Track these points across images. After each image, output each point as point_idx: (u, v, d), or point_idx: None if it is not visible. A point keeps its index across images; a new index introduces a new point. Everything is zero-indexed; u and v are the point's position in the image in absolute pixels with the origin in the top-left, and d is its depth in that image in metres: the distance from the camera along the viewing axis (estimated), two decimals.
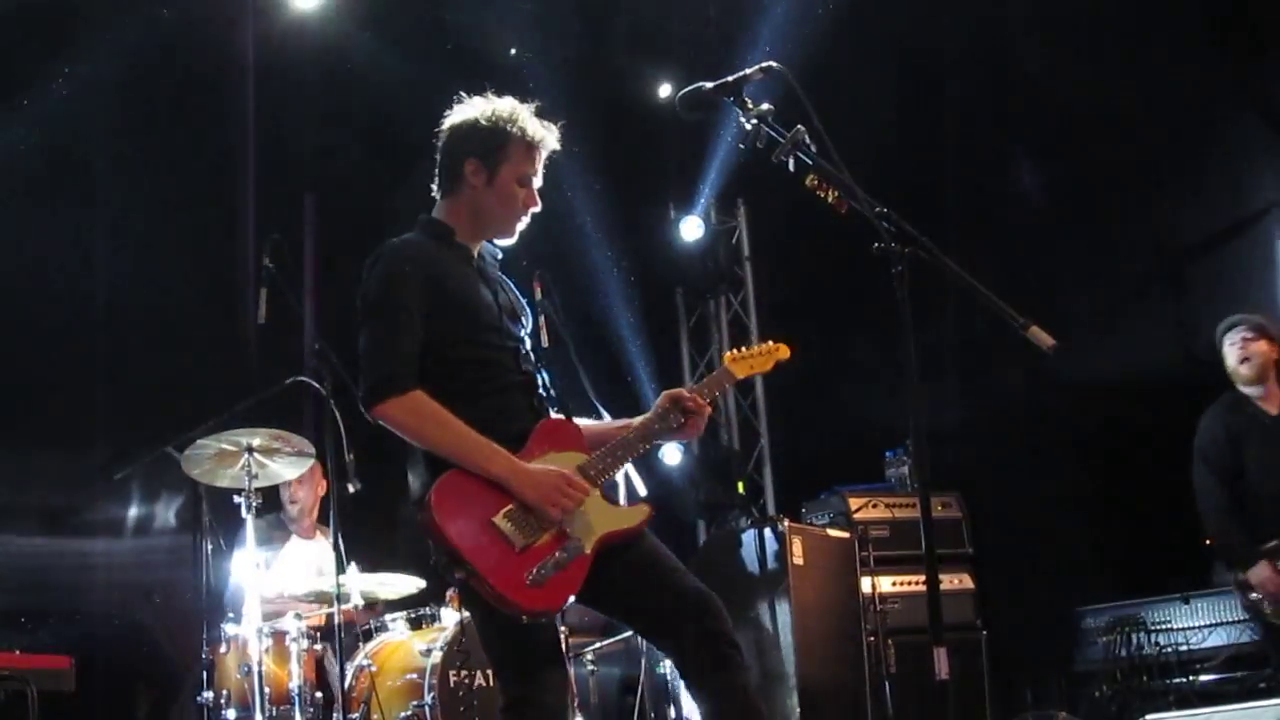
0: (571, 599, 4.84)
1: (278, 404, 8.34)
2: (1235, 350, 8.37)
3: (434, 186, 5.33)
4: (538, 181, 5.26)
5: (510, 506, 4.78)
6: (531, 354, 5.26)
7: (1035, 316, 4.33)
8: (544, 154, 5.27)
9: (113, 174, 9.88)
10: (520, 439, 4.96)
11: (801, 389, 12.04)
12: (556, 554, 4.76)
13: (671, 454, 11.82)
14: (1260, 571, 8.04)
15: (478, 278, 5.22)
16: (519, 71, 11.61)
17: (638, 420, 5.31)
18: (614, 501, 5.23)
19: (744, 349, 5.87)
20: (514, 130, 5.19)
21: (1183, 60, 10.39)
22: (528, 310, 5.41)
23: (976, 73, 11.26)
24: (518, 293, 5.43)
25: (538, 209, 5.28)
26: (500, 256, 5.43)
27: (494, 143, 5.19)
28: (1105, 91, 10.51)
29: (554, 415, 5.16)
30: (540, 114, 5.31)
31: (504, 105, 5.26)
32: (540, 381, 5.22)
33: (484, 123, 5.22)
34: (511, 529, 4.74)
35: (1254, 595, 8.12)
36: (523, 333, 5.26)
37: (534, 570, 4.69)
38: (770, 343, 5.90)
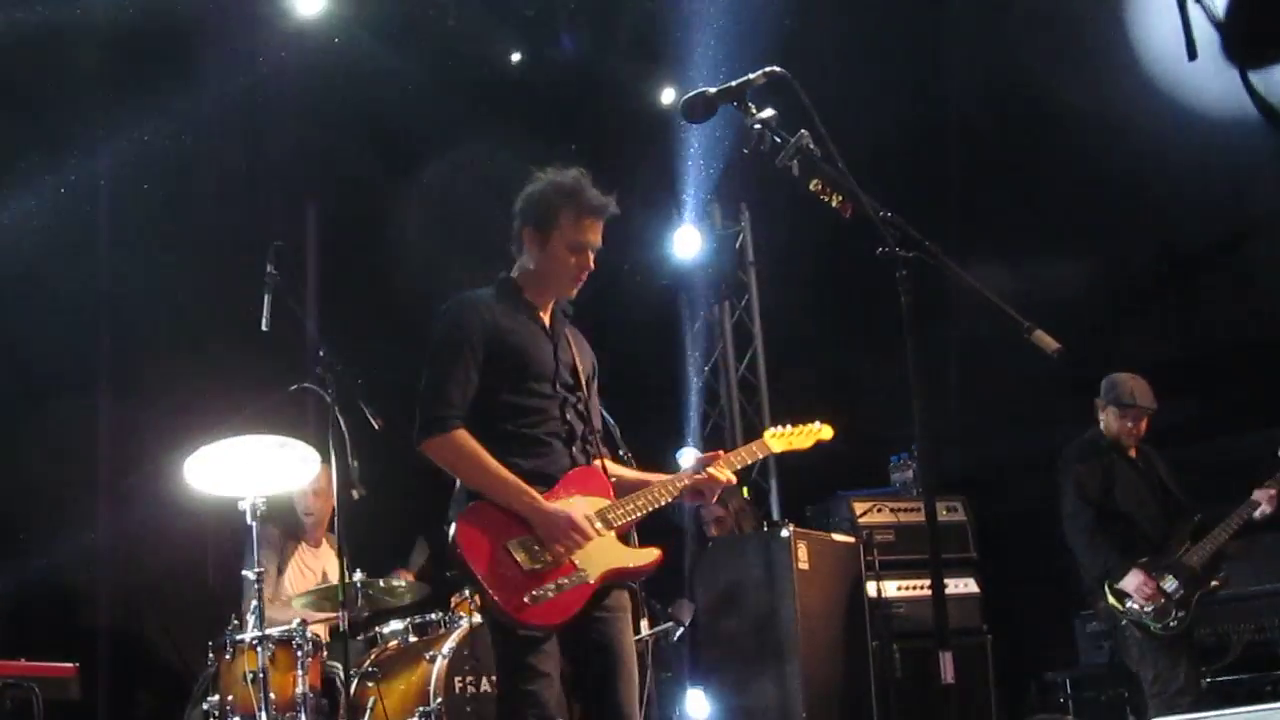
0: (565, 620, 5.34)
1: (281, 411, 8.35)
2: (1130, 428, 9.13)
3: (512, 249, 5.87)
4: (596, 243, 5.78)
5: (525, 535, 5.38)
6: (584, 407, 5.79)
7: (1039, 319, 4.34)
8: (599, 221, 5.78)
9: (114, 181, 9.87)
10: (550, 482, 5.54)
11: (806, 393, 12.03)
12: (560, 580, 5.34)
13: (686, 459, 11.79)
14: (1134, 578, 8.63)
15: (540, 332, 5.77)
16: (522, 78, 11.62)
17: (666, 477, 5.92)
18: (630, 543, 5.77)
19: (786, 427, 6.55)
20: (565, 201, 5.71)
21: None
22: (591, 365, 5.99)
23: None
24: (586, 349, 6.00)
25: (591, 269, 5.81)
26: (570, 313, 5.98)
27: (547, 213, 5.73)
28: None
29: (584, 466, 5.69)
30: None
31: (564, 177, 5.77)
32: (583, 433, 5.75)
33: (541, 194, 5.77)
34: (522, 554, 5.33)
35: (1132, 605, 8.63)
36: (577, 388, 5.79)
37: (535, 591, 5.27)
38: (816, 424, 6.71)
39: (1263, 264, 10.75)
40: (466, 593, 7.89)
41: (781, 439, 6.49)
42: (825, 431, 6.67)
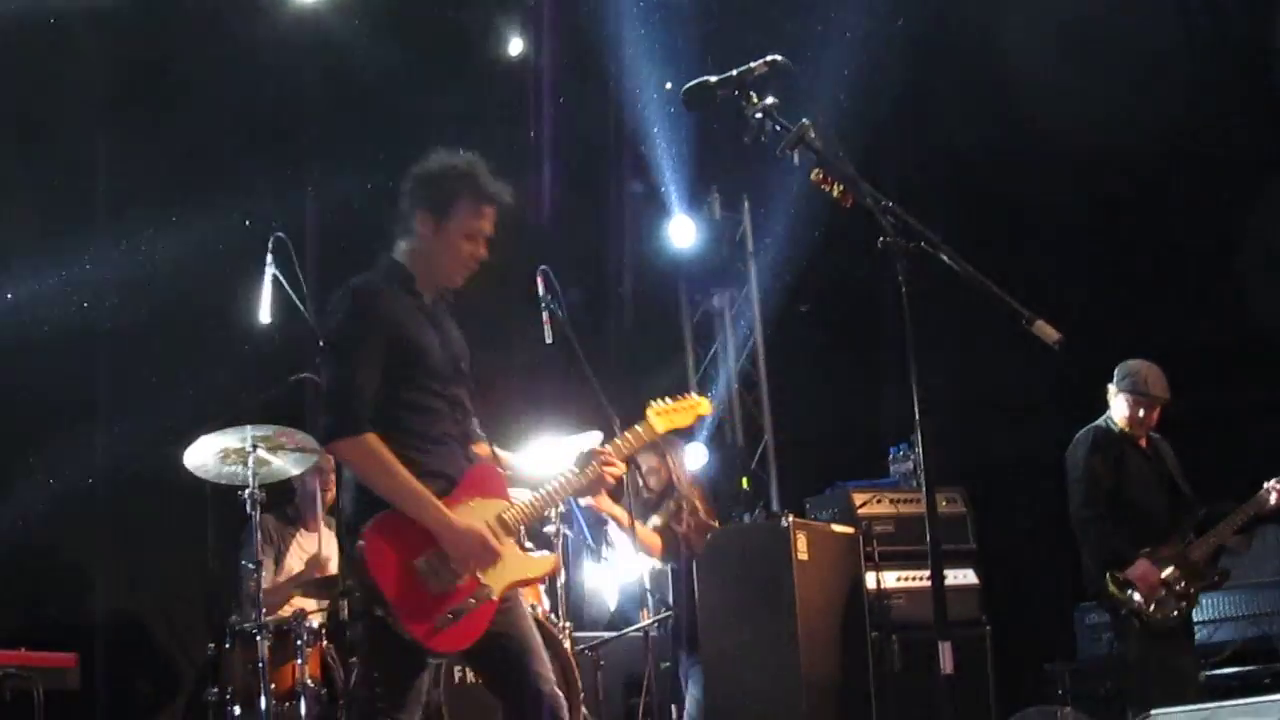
0: (473, 641, 5.32)
1: (281, 401, 8.35)
2: (1141, 417, 9.09)
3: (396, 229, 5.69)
4: (490, 231, 5.62)
5: (432, 551, 5.25)
6: (466, 403, 5.67)
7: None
8: (494, 210, 5.60)
9: (113, 170, 9.86)
10: (451, 482, 5.44)
11: (805, 384, 12.04)
12: (467, 599, 5.27)
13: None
14: (1139, 567, 8.65)
15: (428, 324, 5.58)
16: (522, 67, 11.62)
17: (559, 475, 5.83)
18: (525, 548, 5.89)
19: (667, 401, 6.34)
20: (464, 187, 5.54)
21: None
22: (467, 354, 5.77)
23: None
24: (459, 335, 5.78)
25: (484, 258, 5.63)
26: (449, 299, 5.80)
27: (443, 197, 5.55)
28: None
29: (480, 464, 5.64)
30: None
31: (460, 161, 5.59)
32: (473, 425, 5.73)
33: (437, 177, 5.58)
34: (430, 573, 5.23)
35: (1134, 595, 8.66)
36: (463, 379, 5.67)
37: (443, 614, 5.20)
38: (693, 396, 6.48)
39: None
40: None
41: (664, 416, 6.28)
42: (704, 406, 6.47)
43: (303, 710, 7.74)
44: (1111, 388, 9.14)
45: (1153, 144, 10.86)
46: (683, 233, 12.90)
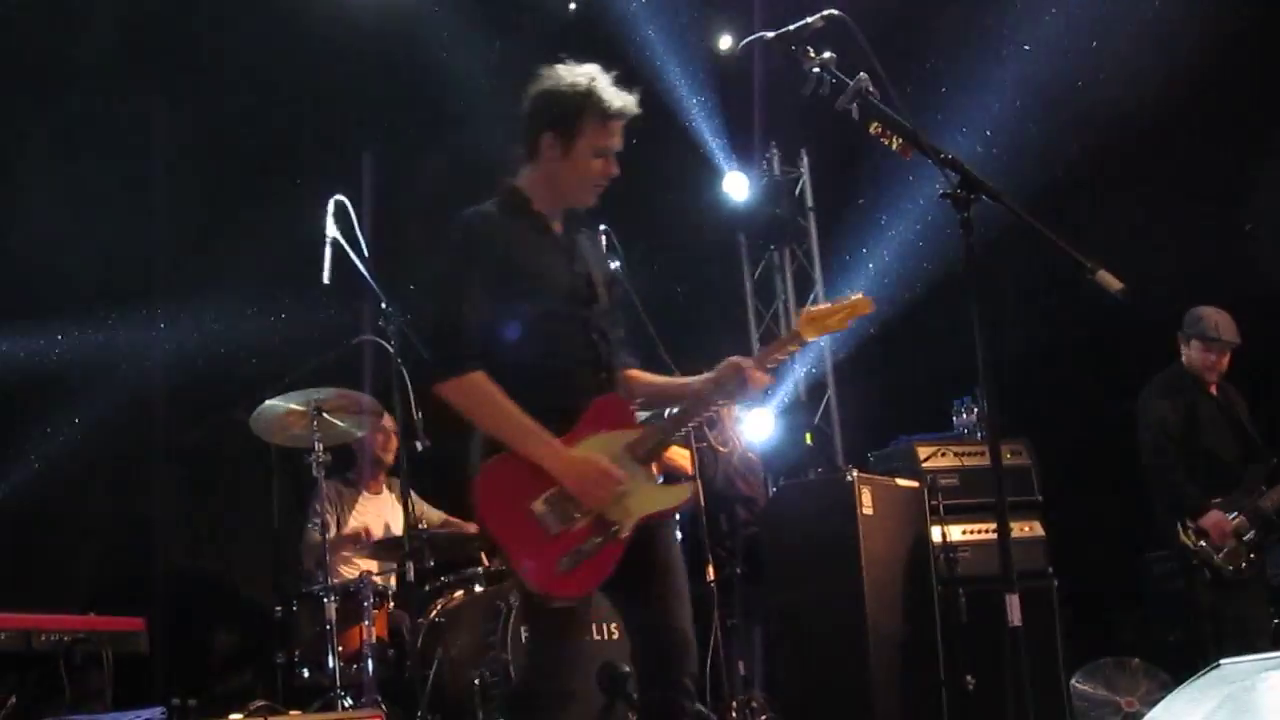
0: (600, 583, 4.99)
1: (344, 364, 8.37)
2: (1213, 362, 9.14)
3: (519, 153, 5.38)
4: (619, 146, 5.28)
5: (550, 492, 4.95)
6: (604, 322, 5.32)
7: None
8: (621, 123, 5.28)
9: (170, 135, 9.91)
10: (573, 416, 5.09)
11: (868, 338, 11.99)
12: (591, 540, 4.94)
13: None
14: (1213, 516, 8.71)
15: (551, 247, 5.29)
16: (579, 25, 11.58)
17: (696, 382, 5.38)
18: (657, 479, 5.46)
19: (818, 305, 5.64)
20: (589, 103, 5.20)
21: None
22: (608, 272, 5.50)
23: None
24: (601, 256, 5.53)
25: (615, 174, 5.31)
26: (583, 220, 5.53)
27: (570, 115, 5.21)
28: None
29: (604, 396, 5.21)
30: (614, 75, 5.29)
31: (582, 75, 5.25)
32: (604, 352, 5.29)
33: (560, 94, 5.23)
34: (549, 515, 4.93)
35: (1203, 544, 8.71)
36: (595, 301, 5.31)
37: (566, 557, 4.88)
38: (853, 295, 5.51)
39: None
40: None
41: (815, 323, 5.42)
42: (863, 304, 5.43)
43: (369, 671, 7.78)
44: (1181, 335, 9.10)
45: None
46: (738, 187, 12.86)
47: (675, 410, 5.37)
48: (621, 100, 5.24)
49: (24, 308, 9.01)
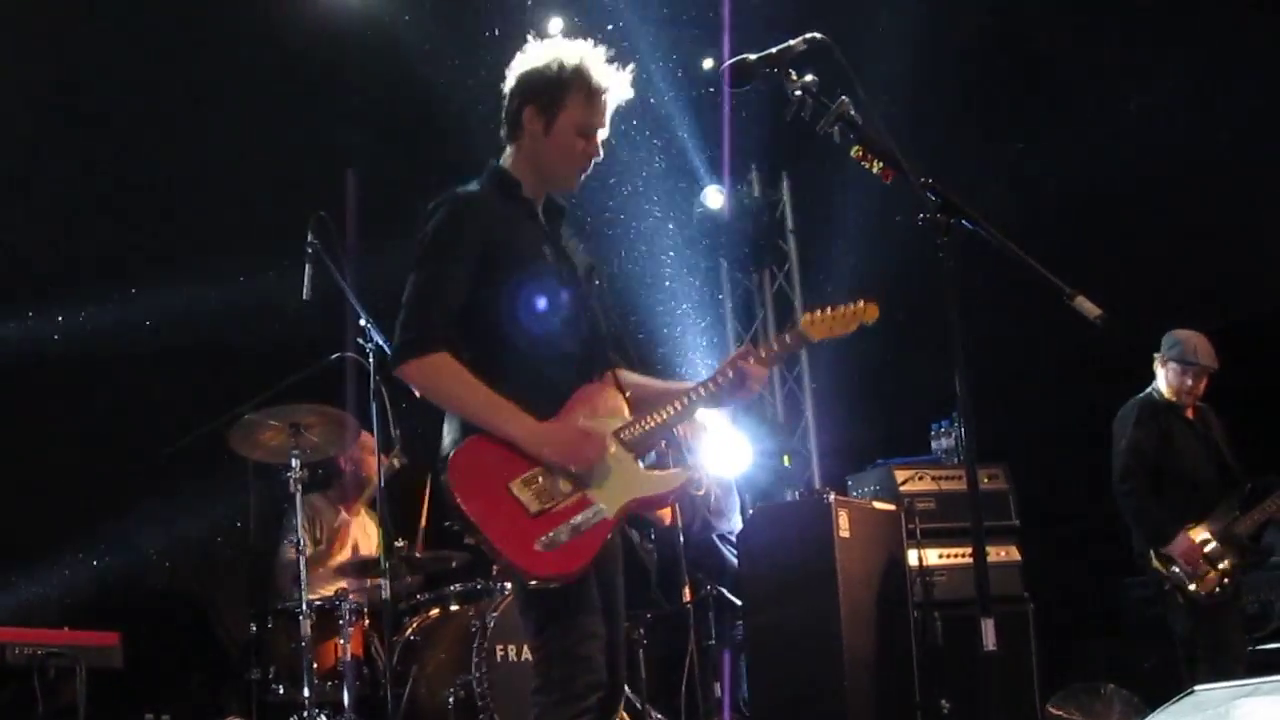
0: (584, 565, 4.70)
1: (322, 380, 8.36)
2: (1189, 385, 9.10)
3: (501, 133, 5.22)
4: (604, 131, 5.14)
5: (528, 472, 4.72)
6: (588, 310, 5.12)
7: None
8: (610, 102, 5.13)
9: (148, 150, 9.90)
10: (559, 403, 4.90)
11: (847, 361, 12.01)
12: (574, 519, 4.69)
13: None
14: (1184, 543, 8.70)
15: (541, 235, 5.12)
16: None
17: (690, 384, 5.19)
18: (650, 465, 5.13)
19: (824, 310, 5.37)
20: (575, 78, 5.04)
21: None
22: (589, 263, 5.30)
23: None
24: (579, 246, 5.32)
25: (599, 158, 5.16)
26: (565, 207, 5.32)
27: (553, 90, 5.04)
28: None
29: (591, 382, 5.03)
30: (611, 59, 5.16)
31: (569, 50, 5.10)
32: (589, 340, 5.09)
33: (545, 69, 5.07)
34: (527, 494, 4.68)
35: (1177, 570, 8.71)
36: (579, 289, 5.11)
37: (547, 535, 4.62)
38: (860, 302, 5.38)
39: None
40: None
41: (821, 325, 5.29)
42: (870, 311, 5.37)
43: (345, 689, 7.77)
44: (1158, 357, 9.12)
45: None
46: (716, 201, 12.83)
47: (667, 405, 5.08)
48: (610, 78, 5.10)
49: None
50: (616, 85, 5.12)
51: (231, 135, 9.94)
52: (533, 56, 5.12)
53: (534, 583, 4.64)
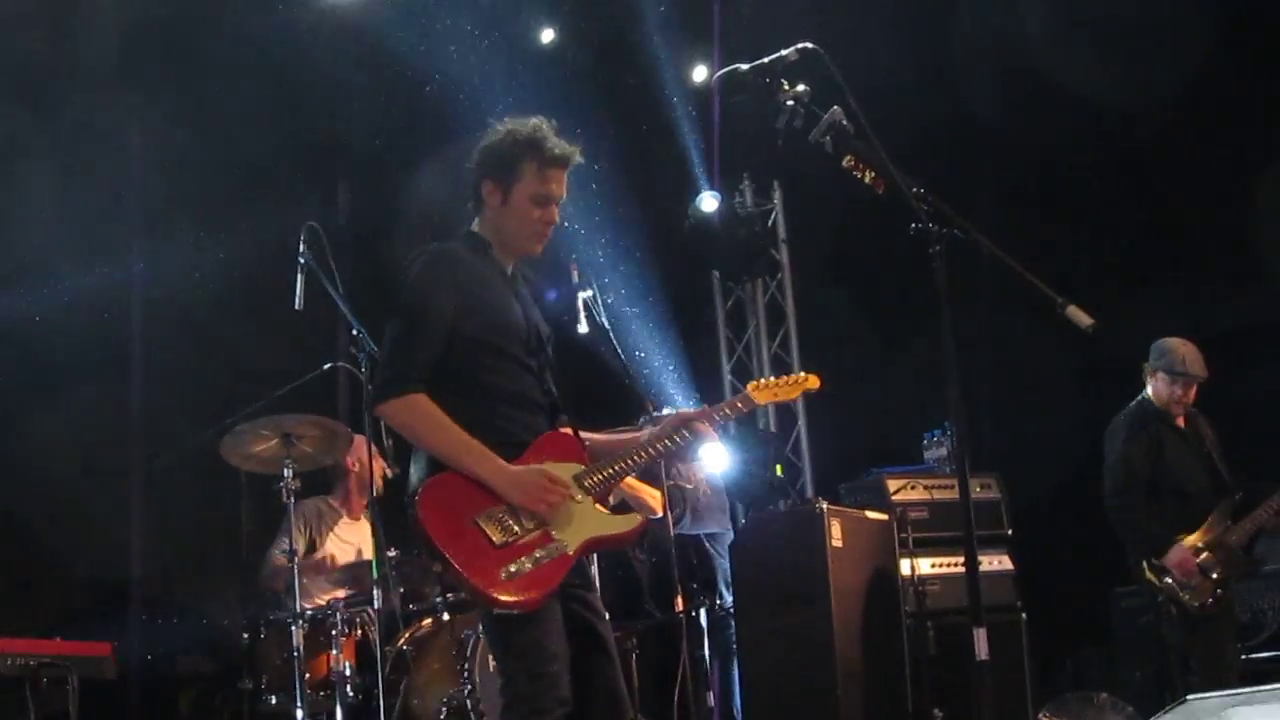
0: (545, 595, 4.96)
1: (315, 389, 8.36)
2: (1179, 395, 9.06)
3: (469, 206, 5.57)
4: (560, 194, 5.46)
5: (494, 507, 5.03)
6: (549, 373, 5.49)
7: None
8: (562, 171, 5.45)
9: (148, 161, 9.91)
10: (522, 449, 5.21)
11: (839, 371, 12.02)
12: (536, 553, 4.97)
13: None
14: (1176, 554, 8.68)
15: (511, 294, 5.45)
16: (553, 57, 11.60)
17: (644, 435, 5.57)
18: (611, 509, 5.51)
19: (769, 379, 6.11)
20: (527, 150, 5.37)
21: None
22: (550, 332, 5.61)
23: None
24: (539, 313, 5.61)
25: (556, 222, 5.48)
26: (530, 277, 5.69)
27: (507, 164, 5.39)
28: None
29: (555, 431, 5.40)
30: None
31: (524, 126, 5.42)
32: (553, 398, 5.48)
33: (500, 145, 5.43)
34: (493, 527, 4.98)
35: (1169, 581, 8.69)
36: (543, 353, 5.47)
37: (511, 565, 4.90)
38: (801, 374, 6.15)
39: None
40: None
41: (765, 391, 5.97)
42: (812, 381, 6.10)
43: (337, 699, 7.76)
44: (1147, 367, 9.10)
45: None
46: (710, 206, 12.81)
47: (624, 454, 5.46)
48: (561, 148, 5.41)
49: None
50: (569, 155, 5.44)
51: (220, 138, 9.95)
52: (490, 134, 5.49)
53: (498, 610, 4.91)
